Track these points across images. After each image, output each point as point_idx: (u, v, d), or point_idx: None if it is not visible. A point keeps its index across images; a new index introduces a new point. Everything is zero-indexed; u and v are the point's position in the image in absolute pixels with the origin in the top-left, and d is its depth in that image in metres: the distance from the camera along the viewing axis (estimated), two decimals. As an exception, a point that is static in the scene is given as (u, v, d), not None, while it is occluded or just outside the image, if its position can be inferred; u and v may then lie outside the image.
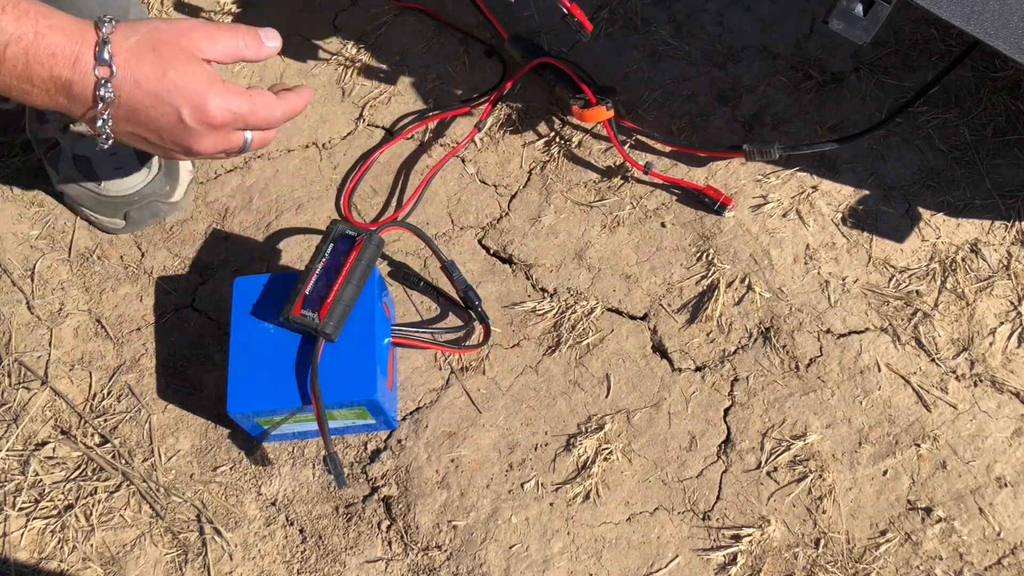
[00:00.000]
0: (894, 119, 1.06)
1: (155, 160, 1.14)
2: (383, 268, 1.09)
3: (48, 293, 1.13)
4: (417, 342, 1.03)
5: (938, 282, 1.01)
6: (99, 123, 0.77)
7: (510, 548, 0.95)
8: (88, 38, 0.73)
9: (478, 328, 1.05)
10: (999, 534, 0.90)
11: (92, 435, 1.05)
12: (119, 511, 1.01)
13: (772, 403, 0.98)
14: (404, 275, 1.09)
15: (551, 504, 0.96)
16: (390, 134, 1.19)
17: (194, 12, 1.31)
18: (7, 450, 1.05)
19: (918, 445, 0.94)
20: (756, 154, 1.06)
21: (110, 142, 0.79)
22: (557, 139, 1.15)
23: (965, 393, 0.96)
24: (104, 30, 0.74)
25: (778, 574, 0.91)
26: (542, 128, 1.16)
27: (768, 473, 0.95)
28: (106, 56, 0.73)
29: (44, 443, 1.05)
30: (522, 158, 1.15)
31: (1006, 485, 0.92)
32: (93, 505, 1.01)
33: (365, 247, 0.94)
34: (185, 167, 1.17)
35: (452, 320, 1.06)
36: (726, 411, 0.99)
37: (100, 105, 0.75)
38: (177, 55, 0.76)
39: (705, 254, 1.06)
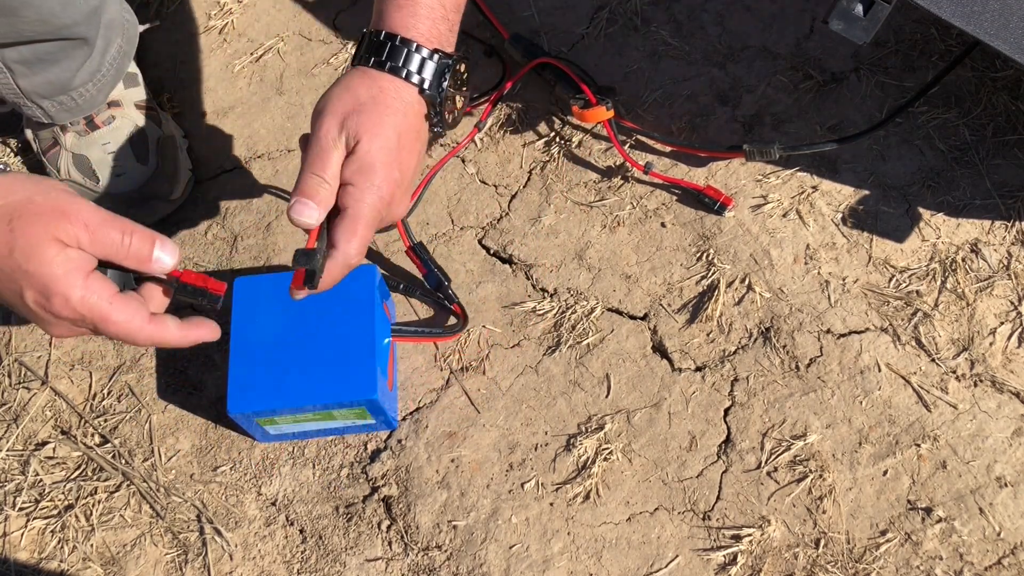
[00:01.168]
0: (894, 119, 1.06)
1: (154, 159, 1.14)
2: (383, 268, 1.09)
3: (48, 293, 1.12)
4: (405, 338, 1.03)
5: (938, 282, 1.01)
6: None
7: (510, 548, 0.95)
8: None
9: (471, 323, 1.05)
10: (999, 534, 0.90)
11: (92, 435, 1.05)
12: (119, 511, 1.01)
13: (772, 403, 0.98)
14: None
15: (551, 504, 0.96)
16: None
17: (194, 12, 1.31)
18: (7, 450, 1.05)
19: (918, 445, 0.94)
20: (756, 154, 1.06)
21: None
22: (557, 139, 1.15)
23: (965, 393, 0.96)
24: None
25: (778, 574, 0.91)
26: (542, 128, 1.16)
27: (768, 473, 0.95)
28: None
29: (44, 443, 1.05)
30: (522, 158, 1.15)
31: (1006, 485, 0.92)
32: (93, 505, 1.01)
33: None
34: (184, 166, 1.17)
35: (444, 313, 1.06)
36: (726, 411, 0.99)
37: None
38: (33, 235, 0.66)
39: (705, 254, 1.06)
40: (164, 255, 0.70)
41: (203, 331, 0.74)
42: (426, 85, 0.80)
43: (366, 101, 0.78)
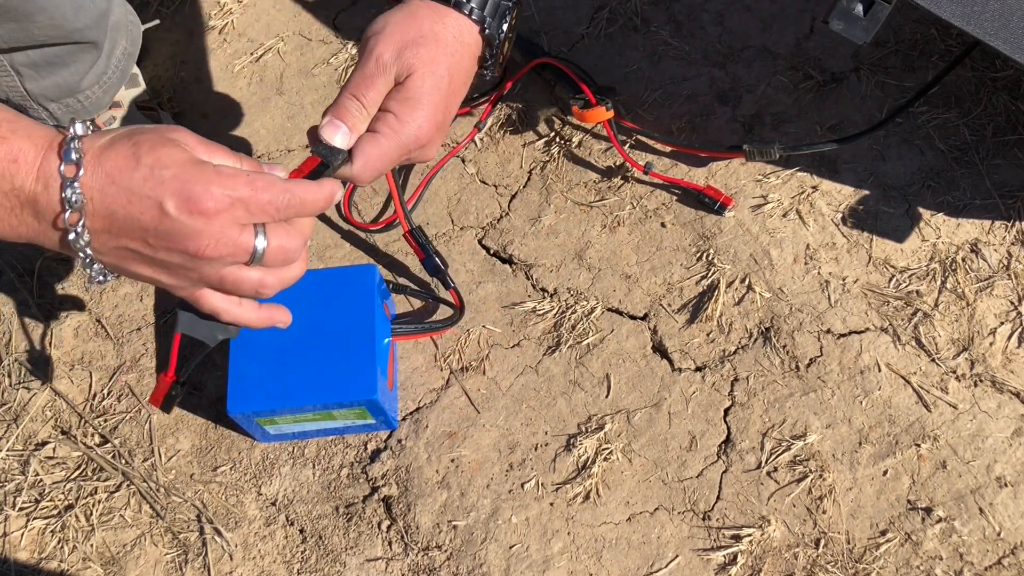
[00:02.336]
0: (894, 119, 1.06)
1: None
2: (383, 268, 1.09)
3: (48, 293, 1.13)
4: (404, 336, 1.03)
5: (938, 282, 1.01)
6: (72, 238, 0.62)
7: (510, 548, 0.95)
8: (56, 141, 0.62)
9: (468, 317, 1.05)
10: (999, 534, 0.90)
11: (92, 435, 1.05)
12: (119, 511, 1.01)
13: (772, 403, 0.98)
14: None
15: (551, 504, 0.96)
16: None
17: (194, 12, 1.31)
18: (7, 450, 1.05)
19: (918, 445, 0.94)
20: (756, 154, 1.06)
21: (100, 273, 0.66)
22: (557, 139, 1.15)
23: (965, 393, 0.96)
24: (75, 129, 0.62)
25: (778, 574, 0.91)
26: (542, 128, 1.16)
27: (768, 473, 0.95)
28: (73, 154, 0.60)
29: (44, 443, 1.05)
30: (522, 158, 1.15)
31: (1006, 485, 0.92)
32: (93, 505, 1.01)
33: None
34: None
35: (443, 311, 1.06)
36: (726, 411, 0.99)
37: (68, 212, 0.60)
38: (154, 141, 0.62)
39: (705, 254, 1.06)
40: (275, 171, 0.67)
41: (331, 186, 0.68)
42: (487, 24, 0.77)
43: (427, 34, 0.74)
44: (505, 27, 0.79)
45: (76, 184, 0.60)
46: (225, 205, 0.62)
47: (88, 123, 0.64)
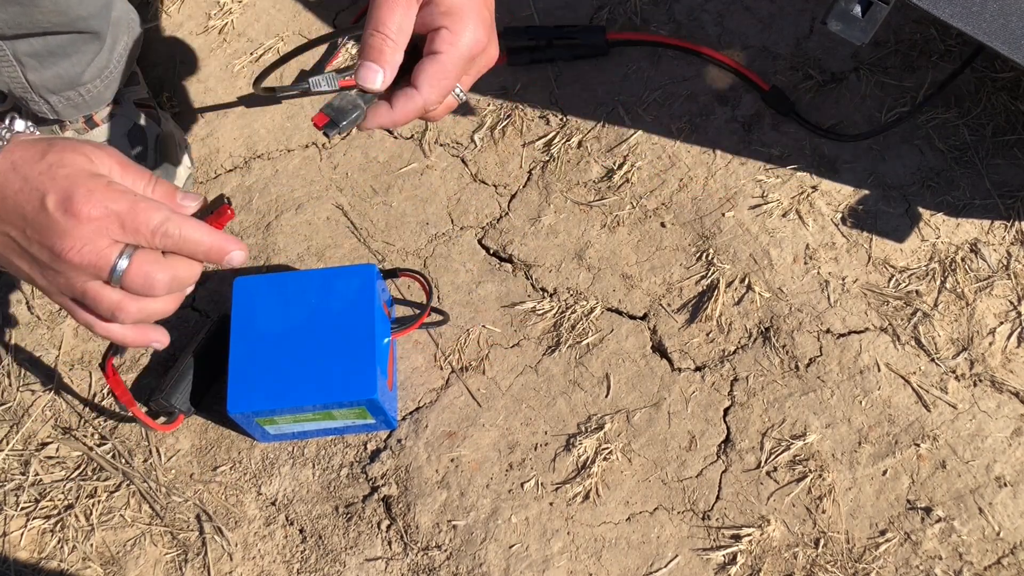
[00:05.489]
0: (901, 123, 1.06)
1: (152, 157, 1.14)
2: (382, 267, 1.09)
3: (48, 293, 1.13)
4: (403, 331, 1.03)
5: (938, 282, 1.01)
6: None
7: (510, 548, 0.95)
8: None
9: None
10: (999, 534, 0.90)
11: (92, 435, 1.05)
12: (119, 511, 1.01)
13: (772, 403, 0.98)
14: None
15: (551, 504, 0.96)
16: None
17: (194, 12, 1.31)
18: (8, 450, 1.05)
19: (918, 445, 0.94)
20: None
21: None
22: (557, 139, 1.15)
23: (965, 393, 0.96)
24: (14, 124, 0.67)
25: (778, 574, 0.91)
26: (542, 128, 1.16)
27: (768, 473, 0.95)
28: None
29: (44, 443, 1.05)
30: (522, 158, 1.15)
31: (1006, 485, 0.92)
32: (93, 505, 1.01)
33: None
34: (184, 164, 1.17)
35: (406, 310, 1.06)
36: (726, 411, 0.99)
37: None
38: (67, 147, 0.65)
39: (705, 254, 1.06)
40: (187, 201, 0.69)
41: (231, 243, 0.69)
42: None
43: None
44: None
45: None
46: (100, 214, 0.63)
47: (29, 123, 0.67)
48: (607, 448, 0.98)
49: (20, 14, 0.96)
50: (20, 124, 0.66)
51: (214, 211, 0.71)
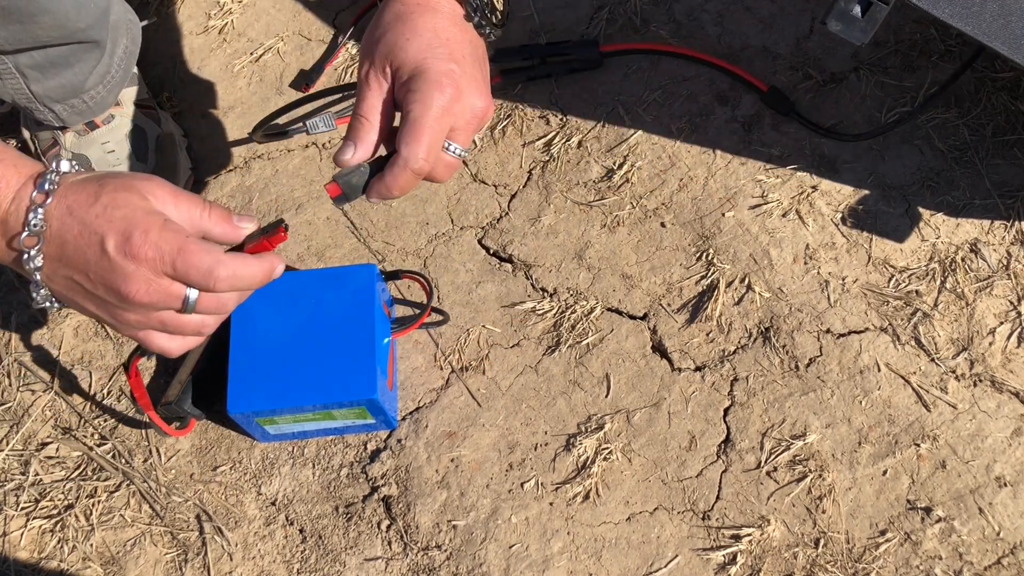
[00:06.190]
0: (903, 123, 1.06)
1: (152, 157, 1.14)
2: (383, 267, 1.09)
3: (48, 293, 1.13)
4: (403, 331, 1.03)
5: (938, 282, 1.01)
6: (25, 259, 0.67)
7: (510, 548, 0.95)
8: (39, 172, 0.68)
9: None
10: (999, 534, 0.90)
11: (92, 435, 1.05)
12: (119, 511, 1.01)
13: (772, 403, 0.98)
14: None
15: (551, 504, 0.96)
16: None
17: (194, 12, 1.31)
18: (8, 450, 1.05)
19: (918, 445, 0.94)
20: None
21: (45, 299, 0.70)
22: (557, 139, 1.15)
23: (965, 393, 0.96)
24: (60, 165, 0.68)
25: (778, 574, 0.91)
26: (542, 128, 1.16)
27: (768, 473, 0.95)
28: (47, 185, 0.66)
29: (44, 443, 1.05)
30: (522, 158, 1.15)
31: (1006, 485, 0.92)
32: (93, 505, 1.01)
33: None
34: (184, 165, 1.17)
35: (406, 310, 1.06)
36: (726, 411, 0.99)
37: (26, 233, 0.66)
38: (119, 186, 0.67)
39: (705, 254, 1.06)
40: (243, 223, 0.72)
41: (272, 263, 0.72)
42: None
43: (389, 21, 0.76)
44: None
45: (40, 210, 0.66)
46: (152, 256, 0.65)
47: (73, 162, 0.69)
48: (607, 448, 0.98)
49: (20, 31, 0.96)
50: (65, 165, 0.68)
51: (268, 232, 0.73)
